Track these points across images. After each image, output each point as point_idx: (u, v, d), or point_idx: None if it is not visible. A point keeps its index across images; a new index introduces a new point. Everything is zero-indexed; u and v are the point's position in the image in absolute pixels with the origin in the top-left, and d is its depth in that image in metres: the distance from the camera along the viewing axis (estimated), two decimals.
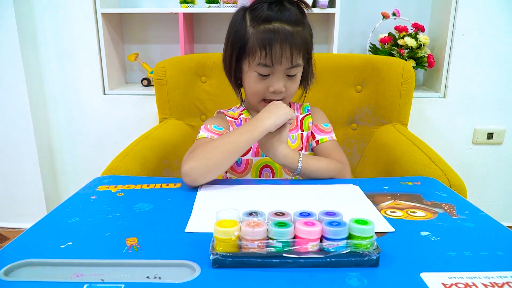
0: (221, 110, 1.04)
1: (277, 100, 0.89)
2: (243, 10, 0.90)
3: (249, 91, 0.92)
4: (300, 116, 1.02)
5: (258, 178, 0.96)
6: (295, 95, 0.96)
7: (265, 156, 0.93)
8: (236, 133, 0.83)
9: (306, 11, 0.88)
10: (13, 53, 1.64)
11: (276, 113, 0.83)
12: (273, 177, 0.96)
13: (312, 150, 1.00)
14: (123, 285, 0.46)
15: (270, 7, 0.84)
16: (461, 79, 1.69)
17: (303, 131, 0.99)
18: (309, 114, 1.03)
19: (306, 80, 0.96)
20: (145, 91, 1.74)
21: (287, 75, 0.88)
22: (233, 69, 0.92)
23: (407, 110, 1.40)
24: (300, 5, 0.87)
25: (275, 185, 0.83)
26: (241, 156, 0.95)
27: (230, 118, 1.00)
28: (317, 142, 0.98)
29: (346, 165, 0.93)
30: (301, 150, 0.97)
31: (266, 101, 0.90)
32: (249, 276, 0.49)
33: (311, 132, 1.00)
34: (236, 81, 0.95)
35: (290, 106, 1.01)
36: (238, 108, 1.03)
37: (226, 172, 0.99)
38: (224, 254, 0.50)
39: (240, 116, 1.00)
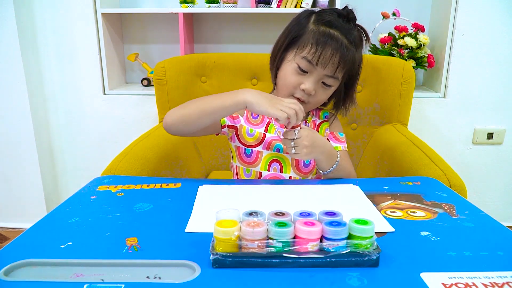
0: None
1: (299, 100, 0.90)
2: (310, 11, 0.93)
3: (282, 82, 0.93)
4: (318, 121, 1.03)
5: (267, 172, 0.96)
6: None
7: (276, 151, 0.94)
8: (217, 95, 0.84)
9: (364, 42, 0.92)
10: (13, 53, 1.64)
11: (271, 101, 0.79)
12: (281, 172, 0.96)
13: None
14: (123, 285, 0.46)
15: (337, 17, 0.89)
16: (461, 79, 1.69)
17: None
18: (326, 121, 1.04)
19: (338, 103, 0.99)
20: (145, 91, 1.74)
21: (322, 82, 0.90)
22: (279, 55, 0.94)
23: (407, 110, 1.40)
24: (363, 32, 0.91)
25: (275, 185, 0.83)
26: (252, 148, 0.96)
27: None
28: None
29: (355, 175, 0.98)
30: None
31: (294, 97, 0.91)
32: (249, 276, 0.49)
33: (327, 138, 1.01)
34: (275, 71, 0.96)
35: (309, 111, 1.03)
36: None
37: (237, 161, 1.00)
38: (224, 254, 0.50)
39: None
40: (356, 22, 0.92)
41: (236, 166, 1.00)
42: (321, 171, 0.93)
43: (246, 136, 0.97)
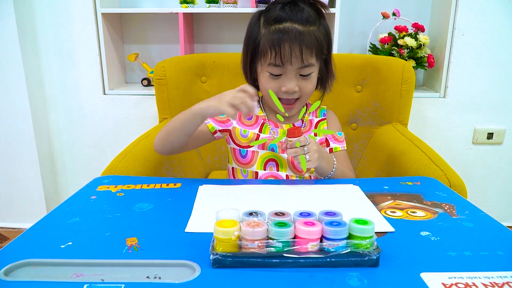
0: None
1: (292, 100, 0.90)
2: (258, 12, 0.91)
3: (264, 92, 0.93)
4: (315, 120, 1.02)
5: (263, 172, 0.96)
6: (315, 96, 0.97)
7: (271, 150, 0.94)
8: (183, 111, 0.87)
9: (323, 11, 0.89)
10: (13, 53, 1.64)
11: (220, 98, 0.80)
12: (277, 170, 0.96)
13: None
14: (123, 285, 0.46)
15: (283, 8, 0.86)
16: (461, 79, 1.69)
17: (316, 135, 0.98)
18: (324, 119, 1.03)
19: (324, 81, 0.96)
20: (145, 91, 1.74)
21: (300, 74, 0.88)
22: (249, 70, 0.94)
23: (407, 110, 1.40)
24: (315, 4, 0.88)
25: (275, 185, 0.83)
26: (247, 148, 0.96)
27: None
28: (330, 150, 1.00)
29: (354, 175, 0.99)
30: None
31: (282, 100, 0.90)
32: (249, 276, 0.49)
33: (326, 139, 1.01)
34: (254, 82, 0.97)
35: (306, 106, 1.02)
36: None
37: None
38: (224, 254, 0.50)
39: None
40: None
41: (233, 168, 1.00)
42: (321, 177, 0.93)
43: (240, 137, 0.97)
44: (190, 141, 0.92)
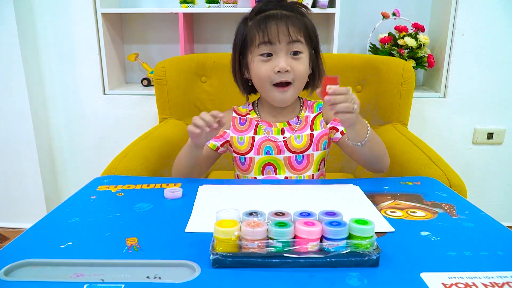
0: (234, 107, 1.04)
1: (285, 83, 0.89)
2: (243, 17, 0.95)
3: (257, 80, 0.92)
4: (311, 116, 0.99)
5: (262, 177, 0.96)
6: (304, 93, 0.97)
7: (267, 154, 0.95)
8: (182, 149, 0.93)
9: (303, 9, 0.92)
10: (13, 53, 1.64)
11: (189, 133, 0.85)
12: (275, 174, 0.96)
13: (329, 145, 0.98)
14: (123, 285, 0.46)
15: (268, 2, 0.90)
16: (461, 79, 1.69)
17: (313, 130, 0.97)
18: (320, 113, 1.00)
19: (313, 74, 0.96)
20: (145, 91, 1.74)
21: (290, 53, 0.89)
22: (240, 67, 0.96)
23: (407, 110, 1.40)
24: (298, 4, 0.91)
25: (275, 185, 0.83)
26: (244, 155, 0.96)
27: (236, 115, 1.01)
28: (342, 132, 0.94)
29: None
30: (307, 149, 0.96)
31: (277, 85, 0.90)
32: (249, 276, 0.49)
33: (332, 126, 0.96)
34: (245, 84, 0.98)
35: (303, 102, 1.01)
36: (248, 105, 1.03)
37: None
38: (224, 254, 0.50)
39: (247, 116, 1.00)
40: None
41: (237, 175, 1.02)
42: (358, 144, 0.81)
43: (238, 145, 0.98)
44: (202, 166, 0.97)
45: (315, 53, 0.95)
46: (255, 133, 0.97)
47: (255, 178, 0.96)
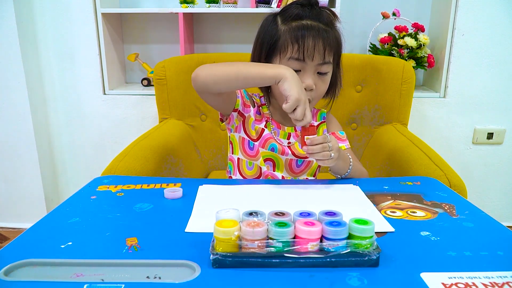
0: (253, 94, 1.02)
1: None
2: (272, 14, 0.91)
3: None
4: (316, 124, 1.01)
5: (263, 169, 0.96)
6: (321, 102, 0.96)
7: (271, 150, 0.94)
8: (254, 63, 0.86)
9: (334, 20, 0.90)
10: (13, 53, 1.64)
11: (298, 83, 0.78)
12: (274, 170, 0.96)
13: None
14: (123, 285, 0.46)
15: (301, 8, 0.87)
16: (461, 79, 1.69)
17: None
18: (324, 122, 1.02)
19: (333, 87, 0.96)
20: (145, 91, 1.74)
21: (318, 72, 0.88)
22: None
23: (407, 110, 1.40)
24: (329, 11, 0.89)
25: (275, 185, 0.83)
26: (255, 141, 0.95)
27: (248, 99, 0.98)
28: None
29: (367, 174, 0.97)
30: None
31: None
32: (249, 276, 0.49)
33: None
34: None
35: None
36: (260, 98, 1.01)
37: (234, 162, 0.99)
38: (224, 254, 0.50)
39: (257, 107, 0.98)
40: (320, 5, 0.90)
41: (238, 159, 0.98)
42: (338, 176, 0.90)
43: (251, 128, 0.96)
44: (225, 94, 0.89)
45: (338, 65, 0.95)
46: (265, 126, 0.96)
47: (260, 167, 0.95)
